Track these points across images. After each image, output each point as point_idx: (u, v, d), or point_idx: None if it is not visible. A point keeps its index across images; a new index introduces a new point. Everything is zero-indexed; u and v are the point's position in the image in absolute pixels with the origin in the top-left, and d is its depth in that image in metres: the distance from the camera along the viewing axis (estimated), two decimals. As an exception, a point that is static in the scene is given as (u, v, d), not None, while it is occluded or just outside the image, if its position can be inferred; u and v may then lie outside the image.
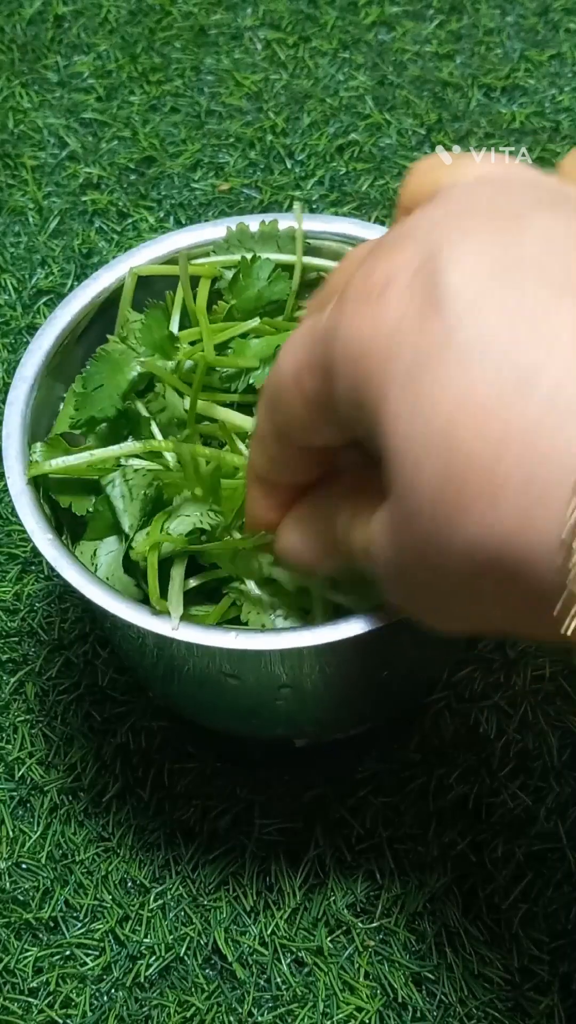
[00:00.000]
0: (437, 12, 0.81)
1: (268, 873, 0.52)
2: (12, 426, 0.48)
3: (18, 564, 0.60)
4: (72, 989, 0.50)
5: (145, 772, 0.54)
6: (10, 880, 0.52)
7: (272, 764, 0.54)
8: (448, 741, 0.54)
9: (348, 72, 0.78)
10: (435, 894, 0.51)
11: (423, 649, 0.50)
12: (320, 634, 0.43)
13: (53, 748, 0.55)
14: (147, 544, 0.45)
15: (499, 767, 0.53)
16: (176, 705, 0.54)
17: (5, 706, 0.56)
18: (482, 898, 0.51)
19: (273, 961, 0.50)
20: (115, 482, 0.47)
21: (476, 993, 0.49)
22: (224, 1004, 0.49)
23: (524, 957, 0.49)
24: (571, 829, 0.52)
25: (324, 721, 0.51)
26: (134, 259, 0.53)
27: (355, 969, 0.50)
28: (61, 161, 0.75)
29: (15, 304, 0.69)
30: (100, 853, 0.53)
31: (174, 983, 0.50)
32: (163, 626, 0.43)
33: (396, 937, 0.50)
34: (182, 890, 0.52)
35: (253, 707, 0.49)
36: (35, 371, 0.50)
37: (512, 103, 0.77)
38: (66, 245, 0.71)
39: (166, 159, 0.75)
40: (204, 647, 0.43)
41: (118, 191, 0.73)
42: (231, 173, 0.74)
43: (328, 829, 0.53)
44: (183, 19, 0.81)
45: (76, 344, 0.52)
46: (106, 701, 0.56)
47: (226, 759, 0.54)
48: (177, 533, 0.45)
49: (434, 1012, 0.49)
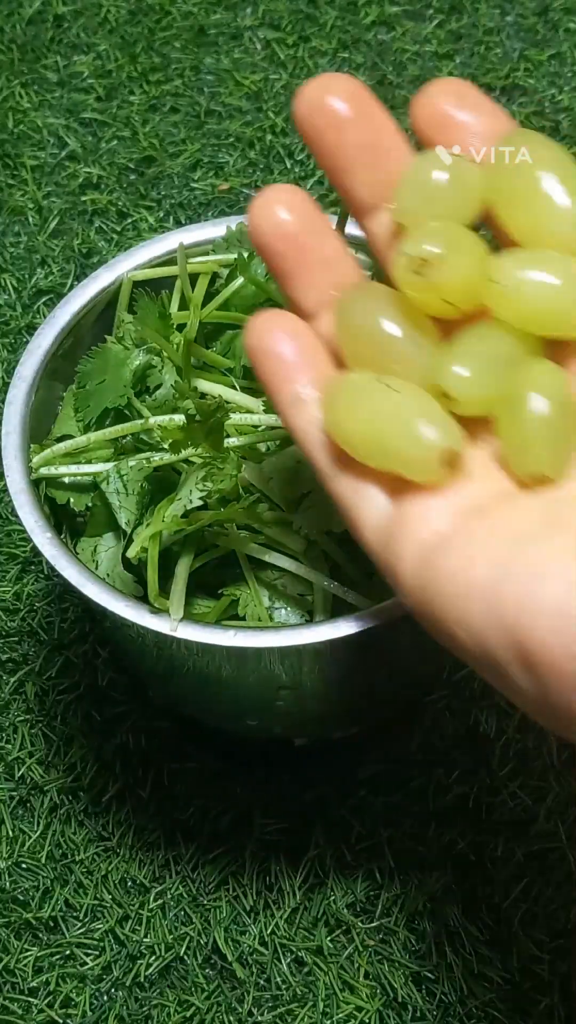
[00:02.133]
0: (437, 12, 0.81)
1: (268, 873, 0.52)
2: (11, 425, 0.48)
3: (18, 564, 0.60)
4: (72, 989, 0.50)
5: (145, 772, 0.54)
6: (10, 880, 0.52)
7: (272, 764, 0.54)
8: (448, 741, 0.54)
9: (348, 72, 0.78)
10: (435, 894, 0.51)
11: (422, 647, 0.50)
12: (319, 632, 0.43)
13: (53, 748, 0.55)
14: (146, 536, 0.45)
15: (499, 767, 0.53)
16: (176, 704, 0.54)
17: (5, 706, 0.56)
18: (482, 898, 0.51)
19: (273, 961, 0.50)
20: (111, 478, 0.47)
21: (476, 993, 0.49)
22: (224, 1004, 0.49)
23: (524, 957, 0.49)
24: (571, 829, 0.52)
25: (323, 719, 0.51)
26: (134, 259, 0.53)
27: (355, 969, 0.50)
28: (61, 161, 0.75)
29: (15, 304, 0.69)
30: (100, 853, 0.53)
31: (174, 983, 0.50)
32: (162, 625, 0.43)
33: (396, 937, 0.50)
34: (182, 890, 0.52)
35: (253, 705, 0.49)
36: (34, 371, 0.50)
37: (512, 103, 0.77)
38: (66, 245, 0.71)
39: (166, 159, 0.75)
40: (203, 645, 0.43)
41: (118, 191, 0.73)
42: (231, 173, 0.74)
43: (328, 829, 0.53)
44: (183, 19, 0.81)
45: (76, 344, 0.52)
46: (106, 701, 0.56)
47: (226, 759, 0.54)
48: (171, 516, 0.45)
49: (434, 1012, 0.49)
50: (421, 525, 0.36)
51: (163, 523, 0.45)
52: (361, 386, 0.37)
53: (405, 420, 0.36)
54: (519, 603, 0.32)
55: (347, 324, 0.39)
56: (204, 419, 0.44)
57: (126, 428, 0.48)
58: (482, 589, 0.33)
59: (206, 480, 0.44)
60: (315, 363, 0.39)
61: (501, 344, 0.37)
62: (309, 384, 0.39)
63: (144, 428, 0.47)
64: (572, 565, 0.32)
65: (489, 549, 0.34)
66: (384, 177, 0.38)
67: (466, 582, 0.34)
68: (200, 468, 0.45)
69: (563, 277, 0.36)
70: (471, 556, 0.34)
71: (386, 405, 0.37)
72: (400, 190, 0.38)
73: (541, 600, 0.32)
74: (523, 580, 0.32)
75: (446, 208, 0.37)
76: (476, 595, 0.33)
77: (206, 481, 0.44)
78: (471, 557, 0.34)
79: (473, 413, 0.37)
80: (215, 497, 0.44)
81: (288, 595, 0.47)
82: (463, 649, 0.34)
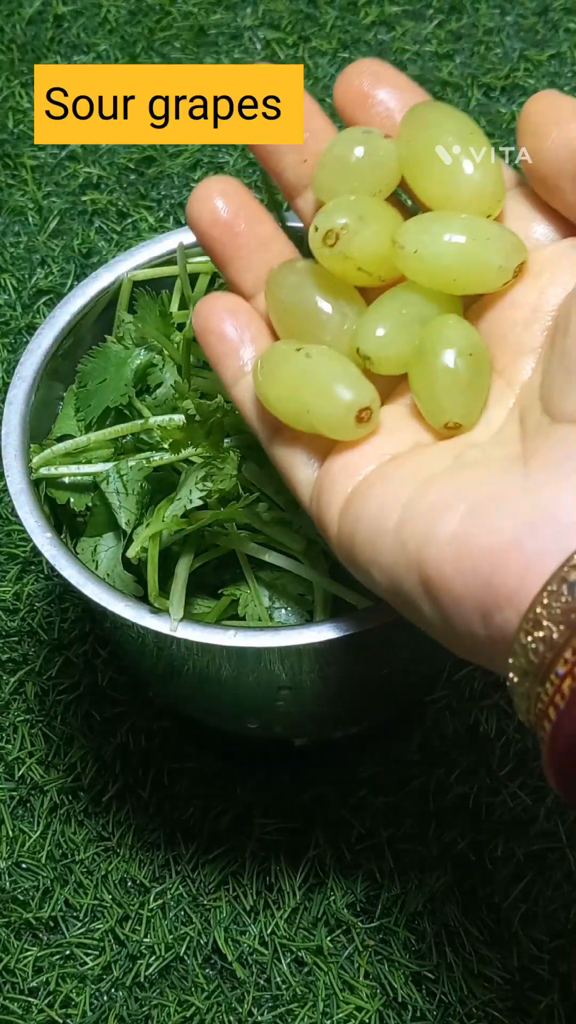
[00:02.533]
0: (437, 12, 0.81)
1: (268, 873, 0.52)
2: (11, 425, 0.48)
3: (18, 564, 0.60)
4: (72, 989, 0.50)
5: (145, 772, 0.54)
6: (10, 880, 0.52)
7: (272, 764, 0.54)
8: (448, 741, 0.54)
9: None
10: (435, 894, 0.51)
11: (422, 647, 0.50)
12: (319, 632, 0.43)
13: (53, 748, 0.55)
14: (146, 536, 0.45)
15: (499, 767, 0.53)
16: (176, 704, 0.54)
17: (5, 706, 0.56)
18: (482, 898, 0.51)
19: (273, 961, 0.50)
20: (111, 478, 0.47)
21: (476, 993, 0.49)
22: (224, 1004, 0.49)
23: (524, 957, 0.49)
24: (571, 829, 0.52)
25: (324, 719, 0.51)
26: (134, 259, 0.53)
27: (355, 969, 0.50)
28: (61, 161, 0.75)
29: (15, 304, 0.69)
30: (100, 853, 0.53)
31: (174, 983, 0.50)
32: (162, 625, 0.43)
33: (396, 937, 0.50)
34: (182, 890, 0.52)
35: (253, 705, 0.49)
36: (34, 371, 0.50)
37: (512, 103, 0.77)
38: (66, 245, 0.71)
39: (166, 159, 0.75)
40: (203, 645, 0.43)
41: (118, 191, 0.73)
42: (231, 173, 0.74)
43: (328, 829, 0.53)
44: (183, 19, 0.81)
45: (76, 344, 0.52)
46: (106, 701, 0.56)
47: (226, 759, 0.54)
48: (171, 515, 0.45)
49: (434, 1012, 0.49)
50: (344, 479, 0.38)
51: (163, 523, 0.45)
52: (282, 355, 0.40)
53: (321, 383, 0.39)
54: (421, 537, 0.34)
55: (275, 299, 0.41)
56: (204, 419, 0.44)
57: (126, 428, 0.48)
58: (391, 530, 0.36)
59: (206, 480, 0.45)
60: (255, 339, 0.42)
61: (414, 305, 0.39)
62: (249, 360, 0.41)
63: (144, 428, 0.47)
64: (469, 497, 0.34)
65: (399, 492, 0.36)
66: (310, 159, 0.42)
67: (379, 525, 0.36)
68: (200, 468, 0.45)
69: (464, 235, 0.38)
70: (383, 501, 0.36)
71: (304, 371, 0.39)
72: (318, 169, 0.41)
73: (439, 531, 0.34)
74: (425, 515, 0.35)
75: (362, 182, 0.40)
76: (386, 535, 0.36)
77: (206, 481, 0.45)
78: (383, 502, 0.36)
79: (391, 372, 0.40)
80: (215, 497, 0.44)
81: (288, 595, 0.47)
82: (380, 588, 0.37)
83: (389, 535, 0.36)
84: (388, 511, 0.36)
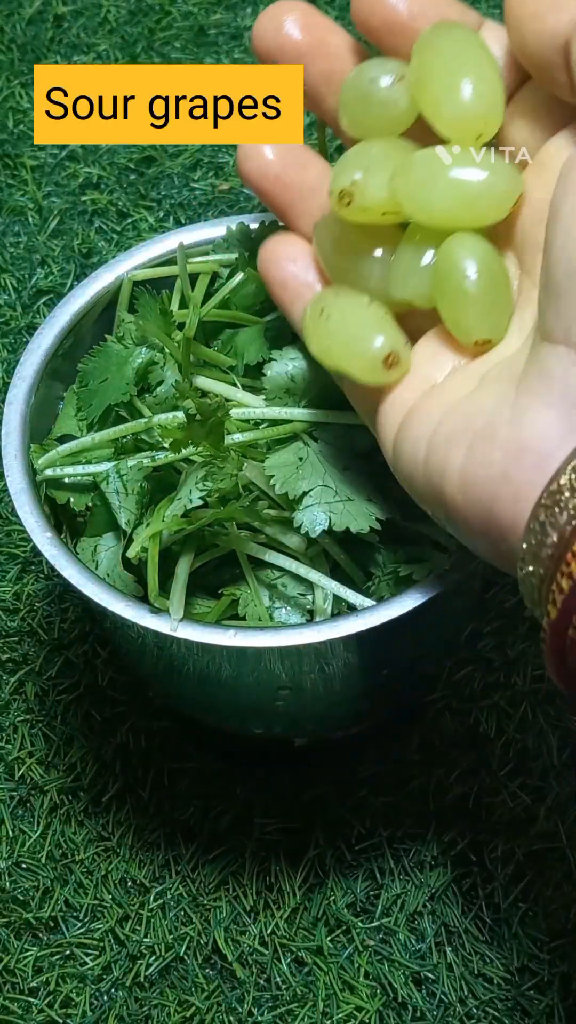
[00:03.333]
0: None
1: (268, 873, 0.52)
2: (11, 425, 0.48)
3: (18, 564, 0.60)
4: (72, 989, 0.50)
5: (145, 772, 0.54)
6: (10, 880, 0.52)
7: (272, 764, 0.54)
8: (448, 741, 0.54)
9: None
10: (435, 894, 0.51)
11: (423, 647, 0.50)
12: (319, 632, 0.43)
13: (53, 748, 0.55)
14: (146, 535, 0.45)
15: (499, 767, 0.53)
16: (176, 704, 0.54)
17: (5, 706, 0.56)
18: (482, 898, 0.51)
19: (273, 961, 0.50)
20: (111, 477, 0.47)
21: (476, 993, 0.49)
22: (224, 1004, 0.49)
23: (524, 957, 0.49)
24: (571, 829, 0.52)
25: (324, 719, 0.51)
26: (134, 259, 0.53)
27: (355, 969, 0.50)
28: (61, 161, 0.75)
29: (15, 304, 0.69)
30: (100, 853, 0.53)
31: (174, 983, 0.50)
32: (162, 625, 0.43)
33: (396, 937, 0.50)
34: (182, 890, 0.52)
35: (253, 705, 0.49)
36: (35, 371, 0.50)
37: (512, 103, 0.76)
38: (66, 245, 0.71)
39: (166, 159, 0.75)
40: (203, 645, 0.43)
41: (118, 191, 0.73)
42: (231, 173, 0.74)
43: (328, 829, 0.53)
44: (183, 19, 0.81)
45: (76, 344, 0.52)
46: (106, 701, 0.56)
47: (226, 759, 0.54)
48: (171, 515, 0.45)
49: (434, 1012, 0.49)
50: (393, 417, 0.40)
51: (163, 523, 0.45)
52: (311, 319, 0.42)
53: (344, 342, 0.40)
54: (438, 471, 0.36)
55: (321, 246, 0.43)
56: (204, 418, 0.44)
57: (129, 428, 0.48)
58: (421, 463, 0.37)
59: (206, 479, 0.45)
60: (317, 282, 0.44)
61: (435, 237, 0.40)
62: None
63: (147, 428, 0.47)
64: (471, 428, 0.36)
65: (426, 426, 0.38)
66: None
67: (414, 459, 0.38)
68: (200, 467, 0.45)
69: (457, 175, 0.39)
70: (417, 435, 0.38)
71: (327, 332, 0.41)
72: (341, 109, 0.42)
73: (450, 465, 0.36)
74: (440, 449, 0.37)
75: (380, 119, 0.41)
76: (419, 469, 0.38)
77: (206, 480, 0.45)
78: (417, 435, 0.38)
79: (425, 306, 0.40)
80: (215, 496, 0.44)
81: (288, 595, 0.47)
82: (427, 507, 0.39)
83: (420, 468, 0.37)
84: (419, 446, 0.38)
